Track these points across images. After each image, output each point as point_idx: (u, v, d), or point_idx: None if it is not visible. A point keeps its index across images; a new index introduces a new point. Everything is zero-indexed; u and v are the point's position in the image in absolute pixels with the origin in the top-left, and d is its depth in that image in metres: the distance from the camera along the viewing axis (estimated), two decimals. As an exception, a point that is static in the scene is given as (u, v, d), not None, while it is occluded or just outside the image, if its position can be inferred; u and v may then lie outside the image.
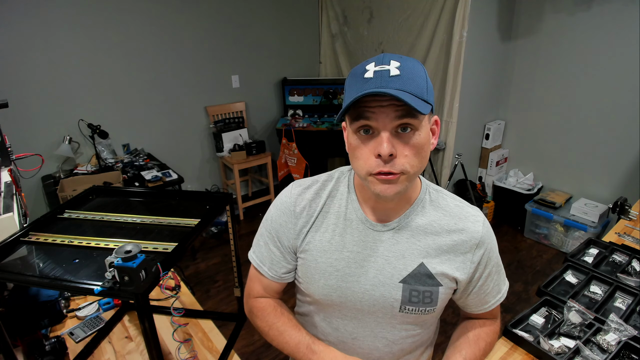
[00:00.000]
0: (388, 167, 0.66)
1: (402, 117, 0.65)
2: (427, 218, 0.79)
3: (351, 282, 0.79)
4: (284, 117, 3.99)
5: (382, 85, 0.64)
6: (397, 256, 0.77)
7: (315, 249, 0.81)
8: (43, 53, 2.72)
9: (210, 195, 1.25)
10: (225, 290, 2.79)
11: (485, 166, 3.64)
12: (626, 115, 2.82)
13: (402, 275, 0.77)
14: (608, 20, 2.76)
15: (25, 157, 1.50)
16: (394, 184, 0.68)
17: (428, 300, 0.78)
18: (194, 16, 3.32)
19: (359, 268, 0.78)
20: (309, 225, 0.82)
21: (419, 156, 0.69)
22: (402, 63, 0.66)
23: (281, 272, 0.88)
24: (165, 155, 3.36)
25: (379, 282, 0.78)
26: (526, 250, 3.21)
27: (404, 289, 0.77)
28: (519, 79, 3.40)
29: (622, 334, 1.12)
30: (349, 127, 0.71)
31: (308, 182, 0.85)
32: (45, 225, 1.09)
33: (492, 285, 0.86)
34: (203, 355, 1.16)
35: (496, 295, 0.88)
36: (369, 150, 0.68)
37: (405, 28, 3.38)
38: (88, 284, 0.80)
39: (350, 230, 0.79)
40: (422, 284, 0.77)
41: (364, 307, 0.80)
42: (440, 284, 0.78)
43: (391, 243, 0.78)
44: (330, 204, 0.82)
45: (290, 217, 0.83)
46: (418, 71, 0.67)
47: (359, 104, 0.66)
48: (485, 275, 0.83)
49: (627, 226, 1.81)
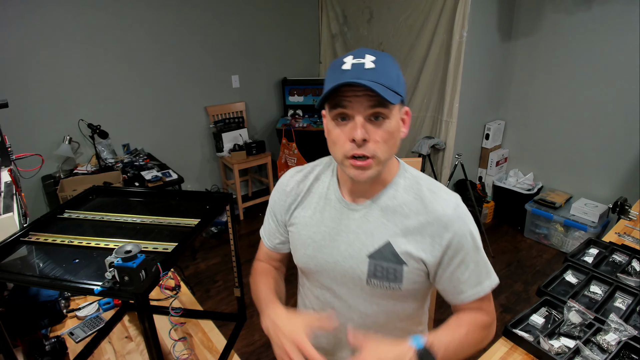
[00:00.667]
0: (361, 151, 0.74)
1: (375, 107, 0.73)
2: (398, 200, 0.84)
3: (325, 253, 0.89)
4: (284, 117, 3.99)
5: (358, 76, 0.71)
6: (366, 233, 0.85)
7: (300, 223, 0.93)
8: (43, 53, 2.72)
9: (210, 195, 1.25)
10: (225, 290, 2.79)
11: (485, 166, 3.64)
12: (626, 115, 2.82)
13: (369, 250, 0.84)
14: (608, 20, 2.76)
15: (25, 157, 1.50)
16: (366, 170, 0.76)
17: (392, 277, 0.83)
18: (194, 16, 3.32)
19: (332, 241, 0.88)
20: (296, 203, 0.94)
21: (389, 142, 0.76)
22: (377, 57, 0.74)
23: (276, 242, 1.04)
24: (165, 155, 3.36)
25: (348, 255, 0.86)
26: (526, 250, 3.21)
27: (369, 263, 0.84)
28: (519, 79, 3.40)
29: (622, 334, 1.12)
30: (328, 115, 0.79)
31: (302, 167, 0.99)
32: (45, 225, 1.09)
33: (467, 275, 0.84)
34: (203, 355, 1.16)
35: (474, 287, 0.85)
36: (344, 135, 0.75)
37: (405, 28, 3.38)
38: (88, 284, 0.80)
39: (329, 208, 0.90)
40: (387, 260, 0.83)
41: (337, 276, 0.90)
42: (405, 263, 0.82)
43: (362, 221, 0.86)
44: (315, 185, 0.93)
45: (282, 195, 0.97)
46: (390, 65, 0.75)
47: (337, 93, 0.73)
48: (457, 262, 0.83)
49: (627, 226, 1.81)
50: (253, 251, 1.15)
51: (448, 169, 3.33)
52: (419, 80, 3.40)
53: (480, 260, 0.85)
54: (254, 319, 0.86)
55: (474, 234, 0.84)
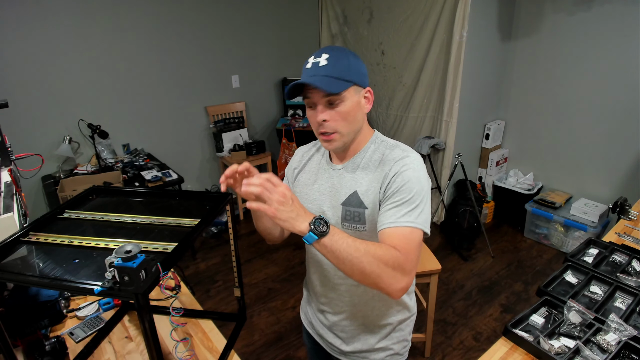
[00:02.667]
0: (324, 128, 0.95)
1: (327, 95, 0.91)
2: (366, 159, 1.02)
3: (315, 204, 1.07)
4: (284, 117, 3.99)
5: (314, 73, 0.91)
6: (342, 186, 1.03)
7: (301, 183, 1.14)
8: (43, 53, 2.72)
9: (210, 195, 1.25)
10: (225, 290, 2.79)
11: (485, 166, 3.64)
12: (626, 115, 2.82)
13: (342, 199, 1.02)
14: (608, 20, 2.76)
15: (25, 157, 1.50)
16: (332, 141, 0.97)
17: (357, 219, 1.00)
18: (194, 16, 3.32)
19: (321, 195, 1.07)
20: (299, 168, 1.17)
21: (348, 119, 0.95)
22: (330, 54, 0.92)
23: None
24: (165, 155, 3.36)
25: (330, 205, 1.05)
26: (526, 250, 3.21)
27: (342, 209, 1.02)
28: (519, 79, 3.40)
29: (622, 334, 1.12)
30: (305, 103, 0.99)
31: (310, 143, 1.20)
32: (45, 225, 1.09)
33: (391, 206, 0.92)
34: (203, 355, 1.16)
35: (391, 217, 0.91)
36: (313, 117, 0.97)
37: (405, 28, 3.38)
38: (88, 284, 0.80)
39: (321, 170, 1.10)
40: (353, 206, 1.00)
41: None
42: (366, 207, 0.98)
43: (340, 177, 1.05)
44: (315, 154, 1.15)
45: (292, 163, 1.20)
46: (342, 58, 0.93)
47: (303, 88, 0.93)
48: (389, 195, 0.94)
49: (627, 226, 1.81)
50: (253, 251, 1.16)
51: (448, 169, 3.33)
52: (419, 80, 3.40)
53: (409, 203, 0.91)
54: (253, 319, 0.86)
55: (412, 179, 0.93)
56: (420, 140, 3.32)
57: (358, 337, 1.12)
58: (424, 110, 3.46)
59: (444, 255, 3.14)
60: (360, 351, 1.13)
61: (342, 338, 1.14)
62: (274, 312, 2.56)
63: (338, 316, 1.13)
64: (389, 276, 0.83)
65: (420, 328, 2.23)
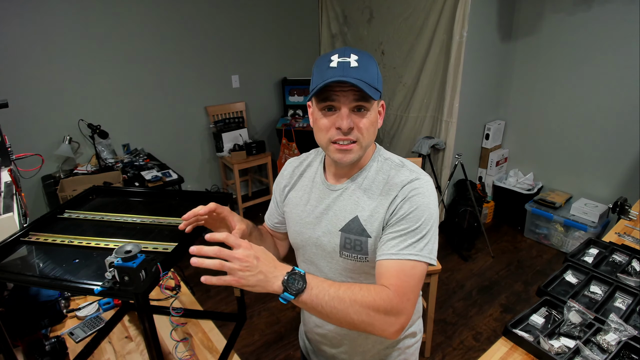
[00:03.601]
0: (347, 136, 0.84)
1: (359, 100, 0.83)
2: (369, 180, 0.93)
3: (309, 229, 0.98)
4: (284, 117, 3.99)
5: (345, 74, 0.80)
6: (341, 210, 0.93)
7: (291, 203, 1.04)
8: (43, 53, 2.72)
9: (210, 195, 1.25)
10: (225, 290, 2.79)
11: (485, 166, 3.64)
12: (626, 115, 2.82)
13: (341, 225, 0.92)
14: (608, 20, 2.76)
15: (25, 157, 1.50)
16: (349, 152, 0.86)
17: (359, 248, 0.90)
18: (194, 16, 3.32)
19: (315, 218, 0.97)
20: (290, 185, 1.05)
21: (370, 130, 0.86)
22: (360, 57, 0.83)
23: (274, 222, 1.13)
24: (165, 155, 3.36)
25: (327, 231, 0.94)
26: (526, 250, 3.21)
27: (341, 236, 0.92)
28: (519, 79, 3.40)
29: (622, 334, 1.12)
30: (314, 106, 0.88)
31: (300, 156, 1.10)
32: (45, 225, 1.09)
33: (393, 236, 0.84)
34: (203, 355, 1.16)
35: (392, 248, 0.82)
36: (330, 122, 0.85)
37: (405, 28, 3.38)
38: (88, 284, 0.80)
39: (315, 189, 0.99)
40: (354, 233, 0.90)
41: (318, 250, 0.97)
42: (369, 236, 0.88)
43: (339, 200, 0.94)
44: (307, 170, 1.04)
45: (280, 179, 1.09)
46: (372, 64, 0.84)
47: (326, 88, 0.82)
48: (393, 222, 0.85)
49: (627, 226, 1.81)
50: (253, 251, 1.15)
51: (448, 169, 3.33)
52: (419, 80, 3.40)
53: (416, 232, 0.83)
54: (254, 319, 0.86)
55: (421, 205, 0.85)
56: (420, 140, 3.32)
57: None
58: (424, 110, 3.46)
59: (444, 255, 3.14)
60: None
61: None
62: (274, 312, 2.56)
63: (337, 349, 1.05)
64: (381, 322, 0.75)
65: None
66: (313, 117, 0.90)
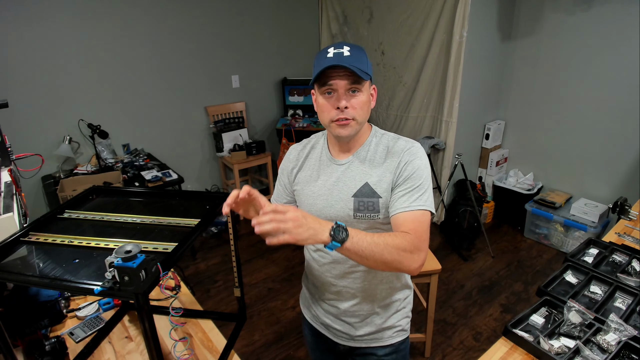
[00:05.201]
0: (344, 114, 1.00)
1: (353, 83, 0.98)
2: (371, 152, 1.09)
3: (322, 200, 1.10)
4: (284, 117, 3.99)
5: (340, 61, 0.96)
6: (350, 179, 1.08)
7: (301, 182, 1.16)
8: (43, 53, 2.72)
9: (210, 195, 1.25)
10: (225, 290, 2.79)
11: (485, 166, 3.64)
12: (626, 115, 2.82)
13: (353, 192, 1.06)
14: (608, 20, 2.76)
15: (25, 157, 1.50)
16: (348, 127, 1.01)
17: (372, 208, 1.05)
18: (194, 16, 3.32)
19: (327, 190, 1.10)
20: (297, 167, 1.17)
21: (364, 108, 1.02)
22: (351, 48, 0.99)
23: (283, 202, 1.22)
24: (165, 155, 3.36)
25: (339, 199, 1.08)
26: (526, 250, 3.21)
27: (354, 201, 1.06)
28: (519, 79, 3.40)
29: (622, 334, 1.12)
30: (317, 92, 1.03)
31: (302, 141, 1.22)
32: (45, 225, 1.09)
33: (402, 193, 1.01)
34: (203, 355, 1.16)
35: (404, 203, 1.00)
36: (331, 104, 1.01)
37: (405, 28, 3.38)
38: (88, 284, 0.80)
39: (322, 167, 1.13)
40: (367, 196, 1.05)
41: (332, 216, 1.08)
42: (380, 197, 1.04)
43: (346, 171, 1.09)
44: (312, 151, 1.17)
45: (287, 163, 1.20)
46: (362, 54, 1.01)
47: (325, 74, 0.98)
48: (400, 182, 1.02)
49: (627, 226, 1.81)
50: (253, 251, 1.16)
51: (448, 169, 3.33)
52: (419, 80, 3.40)
53: (419, 188, 1.01)
54: (253, 319, 0.86)
55: (421, 167, 1.03)
56: (420, 140, 3.32)
57: (367, 320, 1.17)
58: (424, 110, 3.46)
59: (444, 255, 3.14)
60: (370, 333, 1.18)
61: (352, 323, 1.18)
62: (274, 312, 2.56)
63: (349, 302, 1.16)
64: (408, 259, 0.92)
65: (420, 328, 2.23)
66: (317, 101, 1.05)
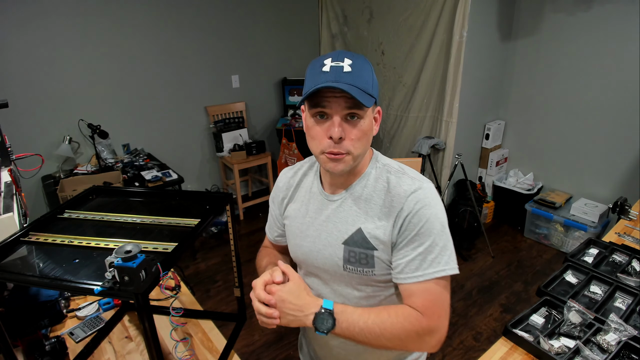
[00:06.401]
0: (337, 148, 0.80)
1: (351, 108, 0.78)
2: (369, 189, 0.88)
3: (309, 242, 0.94)
4: (284, 117, 3.99)
5: (337, 79, 0.75)
6: (342, 221, 0.89)
7: (291, 215, 1.00)
8: (43, 53, 2.72)
9: (210, 195, 1.25)
10: (225, 290, 2.79)
11: (485, 166, 3.64)
12: (626, 115, 2.82)
13: (343, 237, 0.88)
14: (608, 20, 2.76)
15: (25, 157, 1.50)
16: (340, 162, 0.82)
17: (364, 262, 0.87)
18: (194, 16, 3.32)
19: (315, 231, 0.93)
20: (287, 197, 1.02)
21: (363, 140, 0.82)
22: (354, 61, 0.78)
23: (275, 235, 1.11)
24: (165, 155, 3.36)
25: (327, 243, 0.91)
26: (526, 250, 3.21)
27: (344, 249, 0.88)
28: (519, 79, 3.40)
29: (622, 334, 1.12)
30: (307, 111, 0.84)
31: (293, 166, 1.06)
32: (45, 225, 1.09)
33: (413, 255, 0.82)
34: (203, 355, 1.16)
35: (415, 270, 0.82)
36: (322, 131, 0.81)
37: (405, 28, 3.38)
38: (88, 284, 0.80)
39: (313, 200, 0.96)
40: (359, 246, 0.87)
41: (319, 264, 0.94)
42: (375, 249, 0.85)
43: (338, 210, 0.91)
44: (303, 180, 1.00)
45: (277, 191, 1.05)
46: (366, 69, 0.79)
47: (318, 94, 0.77)
48: (407, 240, 0.83)
49: (627, 226, 1.81)
50: (253, 251, 1.16)
51: (448, 169, 3.33)
52: (419, 80, 3.40)
53: (433, 246, 0.81)
54: (253, 319, 0.86)
55: (431, 217, 0.82)
56: (420, 140, 3.32)
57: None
58: (424, 110, 3.46)
59: (444, 255, 3.14)
60: None
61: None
62: (274, 312, 2.55)
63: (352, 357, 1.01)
64: (414, 344, 0.79)
65: (420, 328, 2.23)
66: (306, 123, 0.86)
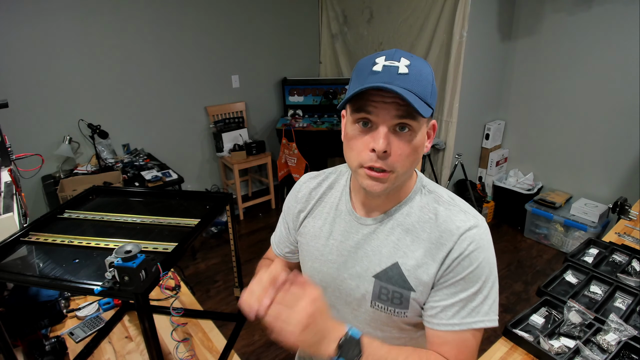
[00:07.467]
0: (380, 163, 0.66)
1: (403, 117, 0.65)
2: (412, 218, 0.75)
3: (332, 269, 0.81)
4: (284, 117, 3.99)
5: (389, 81, 0.63)
6: (375, 251, 0.77)
7: (309, 233, 0.86)
8: (43, 53, 2.72)
9: (210, 195, 1.25)
10: (225, 290, 2.79)
11: (485, 166, 3.64)
12: (626, 115, 2.82)
13: (375, 270, 0.76)
14: (608, 20, 2.76)
15: (25, 157, 1.50)
16: (382, 182, 0.68)
17: (397, 301, 0.74)
18: (194, 16, 3.32)
19: (340, 257, 0.80)
20: (306, 211, 0.87)
21: (412, 157, 0.68)
22: (412, 62, 0.65)
23: (285, 251, 0.96)
24: (165, 155, 3.36)
25: (355, 273, 0.78)
26: (526, 250, 3.21)
27: (375, 284, 0.76)
28: (519, 79, 3.40)
29: (622, 334, 1.12)
30: (348, 116, 0.70)
31: (318, 173, 0.91)
32: (45, 225, 1.09)
33: (452, 301, 0.71)
34: (203, 355, 1.16)
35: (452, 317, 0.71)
36: (364, 142, 0.67)
37: (405, 28, 3.38)
38: (88, 284, 0.80)
39: (339, 220, 0.82)
40: (393, 283, 0.74)
41: (341, 294, 0.82)
42: (413, 289, 0.73)
43: (372, 237, 0.77)
44: (328, 194, 0.86)
45: (293, 202, 0.90)
46: (426, 73, 0.66)
47: (363, 96, 0.65)
48: (448, 282, 0.71)
49: (627, 226, 1.81)
50: (253, 251, 1.15)
51: (448, 169, 3.33)
52: (419, 80, 3.39)
53: (477, 294, 0.71)
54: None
55: (483, 262, 0.71)
56: (420, 140, 3.32)
57: None
58: (424, 110, 3.46)
59: (444, 255, 3.14)
60: None
61: None
62: (274, 312, 2.55)
63: None
64: None
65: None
66: (345, 130, 0.72)
